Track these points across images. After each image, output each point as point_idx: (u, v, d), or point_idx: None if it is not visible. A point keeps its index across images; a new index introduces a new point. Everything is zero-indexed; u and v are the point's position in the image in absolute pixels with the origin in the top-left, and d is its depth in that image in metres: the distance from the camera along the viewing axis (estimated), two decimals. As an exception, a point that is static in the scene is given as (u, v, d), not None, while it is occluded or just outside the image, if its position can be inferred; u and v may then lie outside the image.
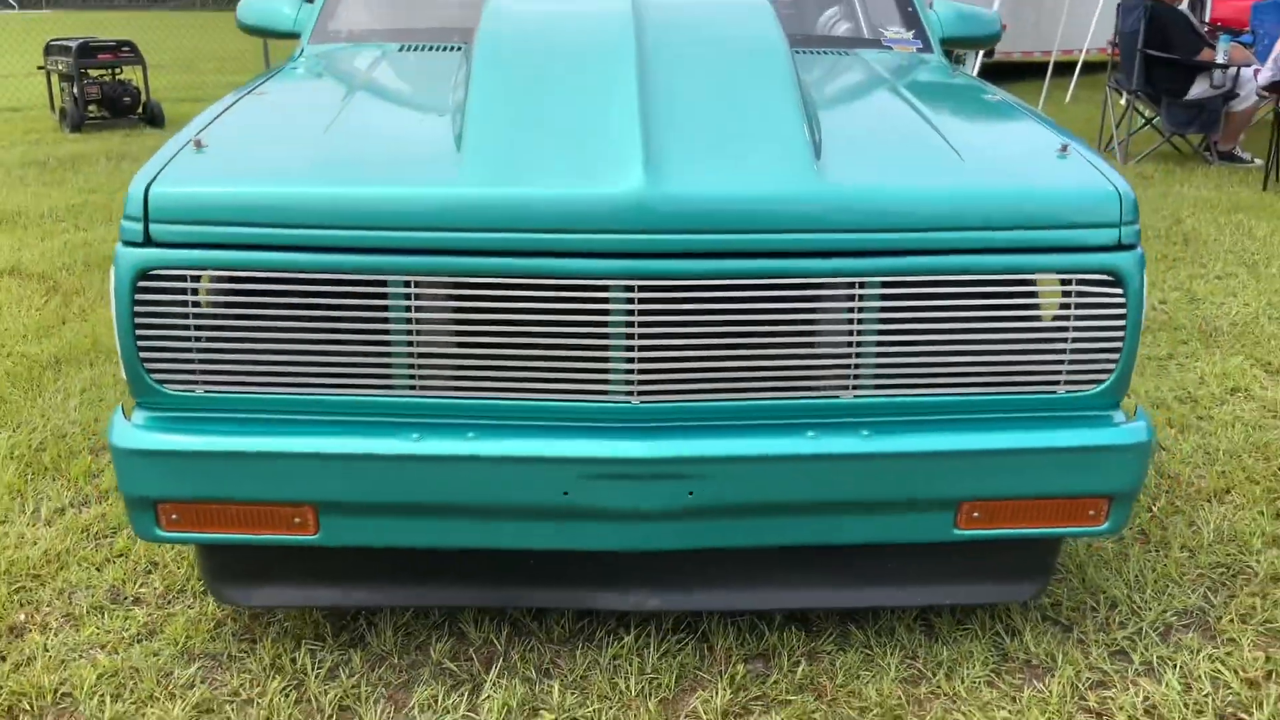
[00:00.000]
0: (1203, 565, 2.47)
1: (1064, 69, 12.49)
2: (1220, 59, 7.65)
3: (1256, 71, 7.35)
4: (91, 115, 9.76)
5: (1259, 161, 7.54)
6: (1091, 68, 12.35)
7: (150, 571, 2.40)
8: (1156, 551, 2.52)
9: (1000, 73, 13.98)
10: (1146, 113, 8.25)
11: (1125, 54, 7.95)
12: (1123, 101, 8.14)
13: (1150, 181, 7.21)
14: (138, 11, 38.99)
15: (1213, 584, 2.40)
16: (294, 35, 3.16)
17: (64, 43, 9.75)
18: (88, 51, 9.57)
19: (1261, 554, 2.51)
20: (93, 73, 9.72)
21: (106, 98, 9.75)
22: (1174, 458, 3.02)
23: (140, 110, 9.91)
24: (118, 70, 9.90)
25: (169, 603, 2.29)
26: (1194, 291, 4.62)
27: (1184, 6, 11.39)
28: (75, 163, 7.87)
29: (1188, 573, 2.44)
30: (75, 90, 9.58)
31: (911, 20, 3.14)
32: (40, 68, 10.29)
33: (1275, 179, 6.95)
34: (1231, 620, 2.26)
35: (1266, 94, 7.22)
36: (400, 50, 2.84)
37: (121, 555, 2.46)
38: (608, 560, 2.07)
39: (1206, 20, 13.58)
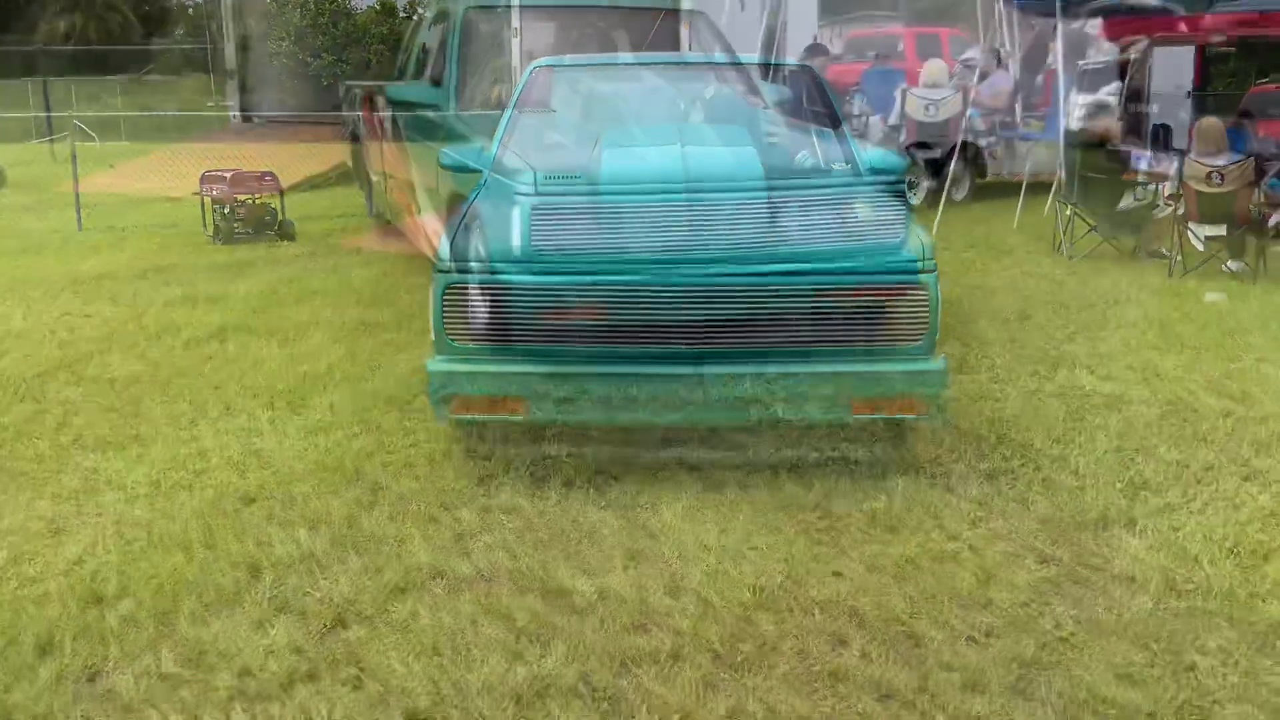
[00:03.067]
0: (1002, 454, 4.40)
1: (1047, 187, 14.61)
2: (1140, 178, 9.69)
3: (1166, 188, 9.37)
4: (238, 231, 12.07)
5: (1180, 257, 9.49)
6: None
7: (417, 463, 4.41)
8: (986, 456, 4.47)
9: (996, 190, 16.14)
10: (1090, 221, 10.25)
11: (1068, 175, 10.03)
12: (1069, 212, 10.16)
13: (1081, 274, 9.18)
14: (212, 144, 42.28)
15: (1006, 461, 4.33)
16: (478, 171, 5.29)
17: (219, 173, 12.12)
18: (240, 181, 11.94)
19: (1043, 454, 4.44)
20: (240, 197, 12.06)
21: (252, 217, 12.08)
22: (1012, 420, 4.95)
23: (277, 228, 12.22)
24: (258, 195, 12.25)
25: (435, 472, 4.28)
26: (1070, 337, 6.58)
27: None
28: (242, 266, 10.10)
29: (992, 454, 4.37)
30: (226, 211, 11.91)
31: (849, 159, 5.21)
32: (195, 193, 12.68)
33: (1183, 268, 8.91)
34: (1005, 478, 4.19)
35: (1170, 202, 9.22)
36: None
37: (413, 445, 4.49)
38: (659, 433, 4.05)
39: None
